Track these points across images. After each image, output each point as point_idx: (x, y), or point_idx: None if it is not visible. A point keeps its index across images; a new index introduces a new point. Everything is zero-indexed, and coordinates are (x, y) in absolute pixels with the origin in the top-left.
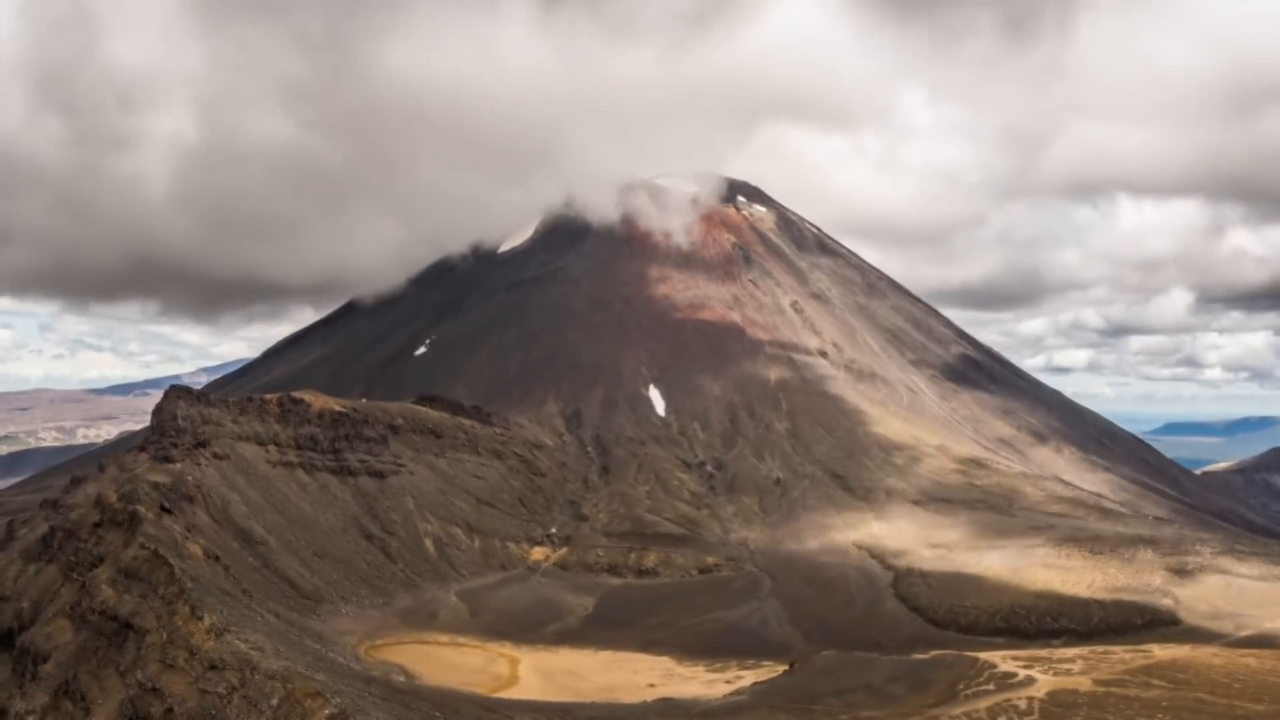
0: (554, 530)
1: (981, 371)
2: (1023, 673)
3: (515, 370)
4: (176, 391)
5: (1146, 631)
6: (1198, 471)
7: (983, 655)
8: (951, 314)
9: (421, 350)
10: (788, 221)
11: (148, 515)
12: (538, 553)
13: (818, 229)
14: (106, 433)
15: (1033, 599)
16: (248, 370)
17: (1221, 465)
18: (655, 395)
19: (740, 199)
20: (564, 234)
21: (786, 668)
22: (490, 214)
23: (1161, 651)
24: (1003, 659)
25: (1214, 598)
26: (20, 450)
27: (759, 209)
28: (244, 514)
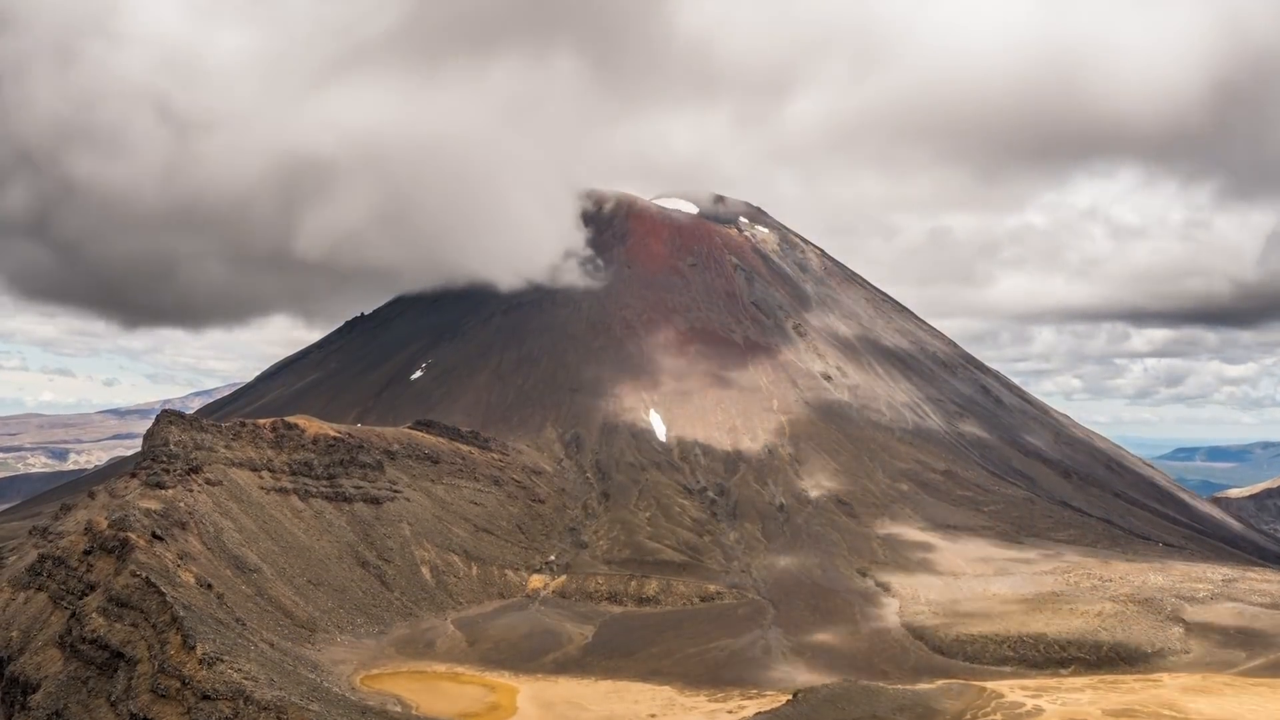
0: (553, 557)
1: (988, 395)
2: (1030, 702)
3: (514, 395)
4: (168, 416)
5: (1157, 660)
6: (1208, 497)
7: (990, 684)
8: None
9: (418, 374)
10: (790, 243)
11: (139, 542)
12: (536, 580)
13: (820, 250)
14: (97, 458)
15: (1041, 627)
16: (241, 394)
17: (1234, 491)
18: (656, 420)
19: (742, 220)
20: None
21: (790, 698)
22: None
23: (1172, 680)
24: (1010, 688)
25: (1225, 625)
26: (9, 476)
27: (761, 230)
28: (237, 541)
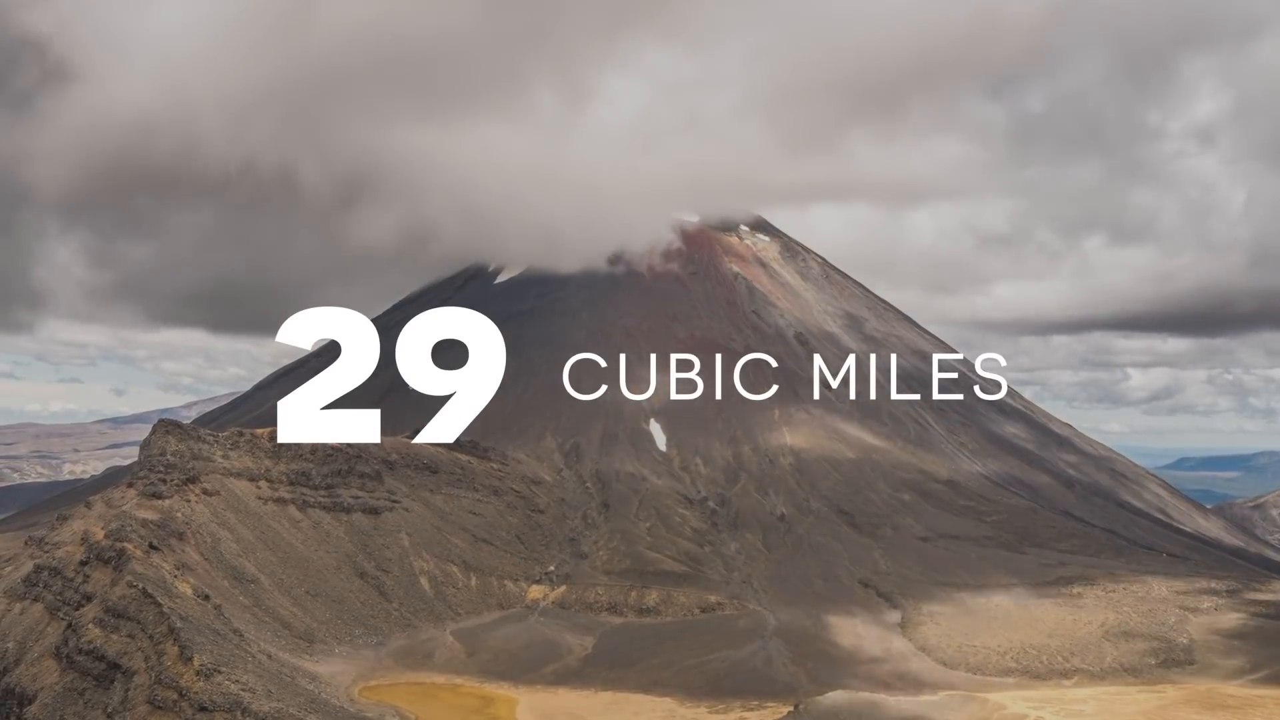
0: (553, 568)
1: (992, 406)
2: (1034, 713)
3: (513, 404)
4: (165, 425)
5: (1161, 671)
6: (1212, 506)
7: (993, 696)
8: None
9: None
10: (792, 251)
11: (136, 553)
12: (536, 591)
13: (822, 259)
14: (93, 468)
15: (1044, 638)
16: (239, 403)
17: (1238, 500)
18: (656, 429)
19: (743, 227)
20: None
21: (791, 709)
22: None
23: (1176, 691)
24: (1013, 699)
25: (1230, 636)
26: (4, 486)
27: (762, 238)
28: (235, 552)
